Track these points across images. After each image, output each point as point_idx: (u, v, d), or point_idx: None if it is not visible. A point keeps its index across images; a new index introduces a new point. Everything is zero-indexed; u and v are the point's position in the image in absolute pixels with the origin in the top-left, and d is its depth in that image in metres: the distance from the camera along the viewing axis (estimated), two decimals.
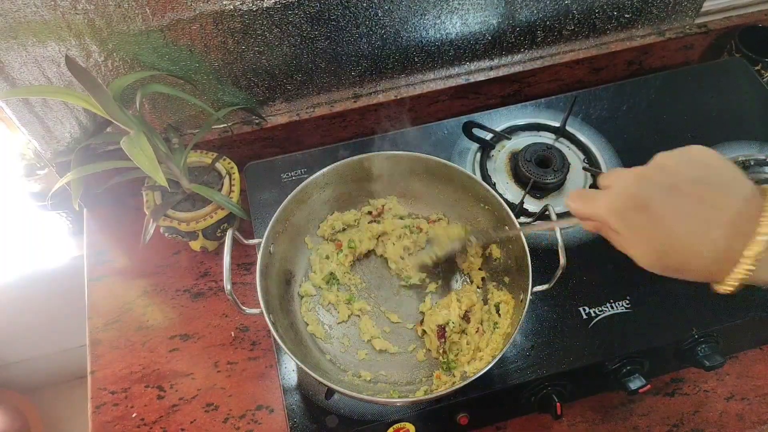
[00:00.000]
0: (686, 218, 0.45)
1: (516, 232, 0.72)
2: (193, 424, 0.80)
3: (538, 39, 1.02)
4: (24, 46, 0.76)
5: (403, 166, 0.82)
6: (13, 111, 0.83)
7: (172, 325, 0.88)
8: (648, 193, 0.47)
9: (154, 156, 0.69)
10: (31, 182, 1.08)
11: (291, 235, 0.79)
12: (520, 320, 0.66)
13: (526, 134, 0.97)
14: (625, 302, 0.78)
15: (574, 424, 0.80)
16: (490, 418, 0.80)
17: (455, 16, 0.93)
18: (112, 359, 0.85)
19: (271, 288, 0.74)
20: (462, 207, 0.83)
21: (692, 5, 1.06)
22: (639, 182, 0.48)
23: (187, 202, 0.87)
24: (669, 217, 0.45)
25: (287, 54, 0.90)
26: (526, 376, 0.73)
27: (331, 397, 0.72)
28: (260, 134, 0.98)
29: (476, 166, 0.93)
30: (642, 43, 1.07)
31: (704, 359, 0.76)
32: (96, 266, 0.94)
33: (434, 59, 0.99)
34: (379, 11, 0.88)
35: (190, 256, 0.94)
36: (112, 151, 0.91)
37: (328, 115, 0.99)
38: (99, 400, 0.82)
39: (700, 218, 0.45)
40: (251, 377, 0.83)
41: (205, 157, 0.91)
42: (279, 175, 0.91)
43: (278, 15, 0.84)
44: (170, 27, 0.80)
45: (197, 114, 0.95)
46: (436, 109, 1.05)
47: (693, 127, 0.97)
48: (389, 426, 0.72)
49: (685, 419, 0.81)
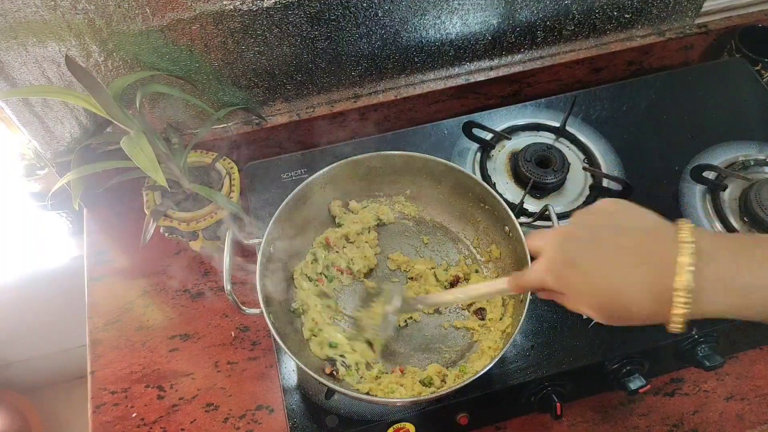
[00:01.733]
0: (612, 266, 0.46)
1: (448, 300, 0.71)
2: (193, 424, 0.80)
3: (538, 39, 1.02)
4: (24, 46, 0.76)
5: (403, 166, 0.82)
6: (13, 111, 0.83)
7: (172, 325, 0.88)
8: (571, 248, 0.49)
9: (154, 156, 0.69)
10: (31, 182, 1.08)
11: (291, 235, 0.79)
12: (521, 320, 0.66)
13: (526, 134, 0.97)
14: None
15: (574, 424, 0.80)
16: (490, 418, 0.80)
17: (455, 17, 0.93)
18: (112, 359, 0.85)
19: (271, 288, 0.74)
20: (462, 207, 0.83)
21: (692, 5, 1.06)
22: (563, 242, 0.50)
23: (187, 202, 0.87)
24: (597, 268, 0.47)
25: (287, 54, 0.90)
26: (526, 376, 0.73)
27: (331, 397, 0.72)
28: (260, 134, 0.98)
29: (476, 166, 0.93)
30: (642, 43, 1.07)
31: (704, 359, 0.76)
32: (96, 266, 0.94)
33: (434, 59, 0.99)
34: (379, 11, 0.88)
35: (190, 256, 0.94)
36: (112, 151, 0.91)
37: (328, 115, 0.99)
38: (99, 400, 0.82)
39: (624, 263, 0.46)
40: (251, 377, 0.83)
41: (205, 157, 0.91)
42: (279, 175, 0.91)
43: (278, 15, 0.84)
44: (170, 27, 0.80)
45: (197, 114, 0.95)
46: (436, 109, 1.05)
47: (693, 127, 0.97)
48: (389, 426, 0.72)
49: (685, 419, 0.81)
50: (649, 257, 0.45)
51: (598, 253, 0.47)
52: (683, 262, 0.43)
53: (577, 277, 0.48)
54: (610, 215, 0.49)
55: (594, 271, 0.47)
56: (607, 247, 0.47)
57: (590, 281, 0.47)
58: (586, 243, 0.48)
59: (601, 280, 0.47)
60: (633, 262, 0.46)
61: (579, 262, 0.48)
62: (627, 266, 0.46)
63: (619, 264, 0.46)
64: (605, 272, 0.47)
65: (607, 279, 0.46)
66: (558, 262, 0.50)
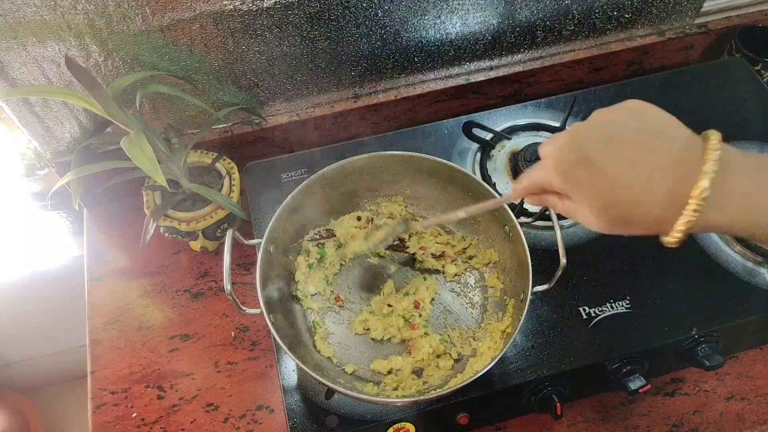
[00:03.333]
0: (628, 166, 0.44)
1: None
2: (193, 424, 0.80)
3: (538, 39, 1.02)
4: (24, 46, 0.76)
5: (403, 166, 0.82)
6: (13, 111, 0.83)
7: (172, 325, 0.88)
8: (587, 146, 0.46)
9: (154, 156, 0.69)
10: (31, 182, 1.08)
11: (291, 235, 0.79)
12: (521, 320, 0.66)
13: (526, 134, 0.97)
14: (625, 302, 0.78)
15: (574, 424, 0.80)
16: (490, 418, 0.80)
17: (455, 16, 0.93)
18: (112, 359, 0.85)
19: (271, 288, 0.74)
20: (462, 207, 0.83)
21: (692, 5, 1.06)
22: (577, 138, 0.47)
23: (187, 202, 0.87)
24: (611, 166, 0.45)
25: (287, 54, 0.90)
26: (526, 376, 0.73)
27: (331, 397, 0.72)
28: (260, 134, 0.98)
29: (476, 166, 0.93)
30: (642, 43, 1.07)
31: (704, 359, 0.76)
32: (96, 266, 0.94)
33: (434, 59, 0.99)
34: (379, 11, 0.88)
35: (190, 256, 0.94)
36: (112, 151, 0.91)
37: (328, 115, 0.99)
38: (99, 400, 0.82)
39: (642, 165, 0.44)
40: (251, 377, 0.83)
41: (205, 157, 0.91)
42: (279, 175, 0.91)
43: (278, 15, 0.84)
44: (170, 27, 0.80)
45: (197, 114, 0.95)
46: (436, 109, 1.05)
47: (693, 127, 0.95)
48: (389, 426, 0.72)
49: (685, 419, 0.81)
50: (669, 160, 0.44)
51: (614, 152, 0.45)
52: (706, 171, 0.42)
53: (587, 175, 0.46)
54: (633, 117, 0.47)
55: (607, 169, 0.45)
56: (624, 146, 0.45)
57: (601, 179, 0.45)
58: (603, 140, 0.46)
59: (614, 178, 0.45)
60: (650, 164, 0.44)
61: (594, 159, 0.45)
62: (643, 168, 0.44)
63: (635, 165, 0.44)
64: (619, 171, 0.44)
65: (620, 178, 0.44)
66: (568, 160, 0.47)
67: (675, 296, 0.79)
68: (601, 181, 0.45)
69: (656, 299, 0.79)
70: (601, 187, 0.46)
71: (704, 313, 0.77)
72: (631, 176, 0.44)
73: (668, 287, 0.79)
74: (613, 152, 0.45)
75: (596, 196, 0.46)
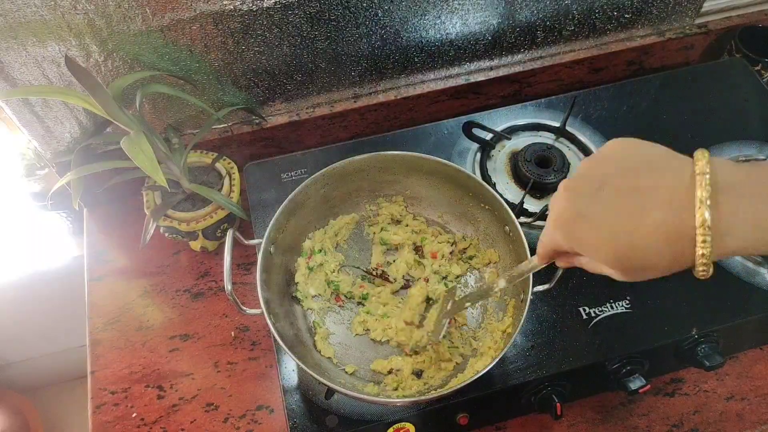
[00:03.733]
0: (622, 212, 0.43)
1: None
2: (193, 424, 0.80)
3: (538, 39, 1.02)
4: (24, 46, 0.76)
5: (403, 167, 0.82)
6: (13, 111, 0.83)
7: (172, 325, 0.88)
8: (580, 201, 0.45)
9: (154, 156, 0.69)
10: (31, 182, 1.08)
11: (291, 235, 0.79)
12: (521, 320, 0.66)
13: (526, 134, 0.97)
14: (625, 302, 0.78)
15: (574, 424, 0.80)
16: (490, 418, 0.80)
17: (455, 17, 0.93)
18: (112, 359, 0.85)
19: (271, 288, 0.74)
20: (462, 207, 0.83)
21: (692, 5, 1.06)
22: (571, 194, 0.46)
23: (187, 202, 0.87)
24: (606, 217, 0.43)
25: (287, 54, 0.90)
26: (526, 376, 0.73)
27: (331, 397, 0.72)
28: (260, 134, 0.98)
29: (476, 166, 0.93)
30: (642, 43, 1.07)
31: (704, 359, 0.76)
32: (96, 266, 0.94)
33: (434, 59, 0.99)
34: (379, 11, 0.88)
35: (190, 256, 0.94)
36: (112, 151, 0.91)
37: (328, 115, 0.99)
38: (99, 400, 0.82)
39: (635, 207, 0.42)
40: (251, 377, 0.83)
41: (205, 157, 0.91)
42: (279, 175, 0.91)
43: (278, 15, 0.84)
44: (170, 27, 0.80)
45: (197, 114, 0.95)
46: (436, 109, 1.05)
47: (693, 127, 0.97)
48: (389, 426, 0.72)
49: (685, 419, 0.81)
50: (662, 196, 0.41)
51: (605, 201, 0.43)
52: (700, 197, 0.39)
53: (587, 231, 0.45)
54: (617, 159, 0.45)
55: (603, 221, 0.43)
56: (614, 193, 0.43)
57: (601, 233, 0.44)
58: (595, 192, 0.44)
59: (613, 229, 0.43)
60: (645, 204, 0.41)
61: (587, 213, 0.44)
62: (639, 209, 0.42)
63: (629, 208, 0.42)
64: (616, 220, 0.43)
65: (618, 227, 0.43)
66: (566, 220, 0.46)
67: (675, 296, 0.79)
68: (601, 236, 0.44)
69: (656, 299, 0.79)
70: (604, 240, 0.44)
71: (704, 313, 0.77)
72: (628, 222, 0.42)
73: (668, 287, 0.79)
74: (604, 201, 0.44)
75: (603, 249, 0.44)
